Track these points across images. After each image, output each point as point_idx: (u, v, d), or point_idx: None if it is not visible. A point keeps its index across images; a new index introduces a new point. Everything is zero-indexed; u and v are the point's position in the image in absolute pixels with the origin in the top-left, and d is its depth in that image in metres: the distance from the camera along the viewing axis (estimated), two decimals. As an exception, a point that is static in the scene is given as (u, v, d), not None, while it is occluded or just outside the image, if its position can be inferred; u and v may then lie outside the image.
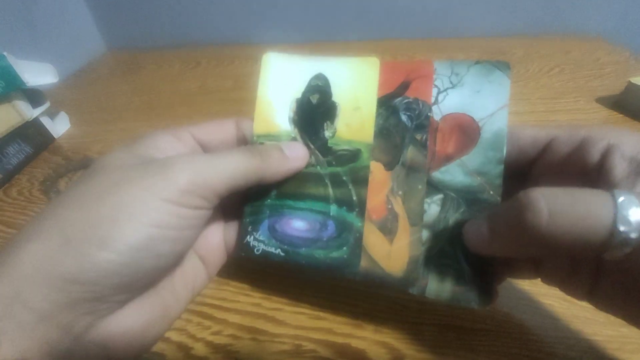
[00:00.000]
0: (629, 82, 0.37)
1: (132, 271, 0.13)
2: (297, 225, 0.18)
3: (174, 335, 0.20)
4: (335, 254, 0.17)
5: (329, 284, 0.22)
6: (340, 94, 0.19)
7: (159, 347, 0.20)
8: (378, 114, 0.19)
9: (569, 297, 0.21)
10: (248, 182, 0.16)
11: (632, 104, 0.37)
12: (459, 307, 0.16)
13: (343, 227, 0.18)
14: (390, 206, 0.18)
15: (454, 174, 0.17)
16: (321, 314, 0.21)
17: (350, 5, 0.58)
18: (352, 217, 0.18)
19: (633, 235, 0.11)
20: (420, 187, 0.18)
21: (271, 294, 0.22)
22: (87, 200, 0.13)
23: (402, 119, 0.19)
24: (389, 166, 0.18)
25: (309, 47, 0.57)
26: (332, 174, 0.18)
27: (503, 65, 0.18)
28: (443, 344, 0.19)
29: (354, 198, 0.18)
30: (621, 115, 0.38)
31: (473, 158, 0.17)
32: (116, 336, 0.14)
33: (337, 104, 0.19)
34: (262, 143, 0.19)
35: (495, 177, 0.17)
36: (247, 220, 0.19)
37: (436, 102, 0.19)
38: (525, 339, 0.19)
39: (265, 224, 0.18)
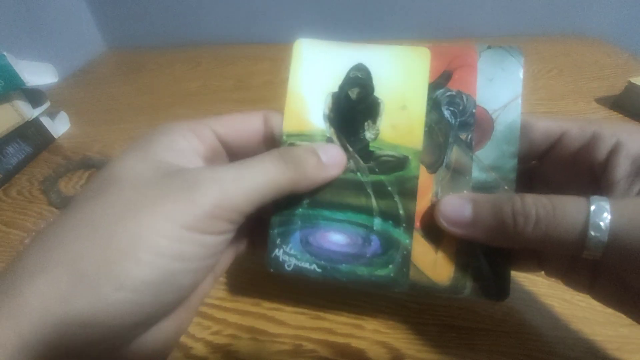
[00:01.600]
0: (629, 82, 0.37)
1: (152, 309, 0.12)
2: (336, 238, 0.16)
3: (173, 335, 0.20)
4: (380, 272, 0.16)
5: (330, 284, 0.22)
6: (384, 90, 0.17)
7: (159, 346, 0.20)
8: None
9: (569, 297, 0.21)
10: (280, 195, 0.14)
11: (632, 104, 0.37)
12: (477, 302, 0.16)
13: (389, 244, 0.16)
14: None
15: None
16: (321, 314, 0.21)
17: (351, 6, 0.58)
18: (398, 233, 0.16)
19: (603, 240, 0.12)
20: (466, 192, 0.16)
21: (271, 293, 0.22)
22: (99, 227, 0.12)
23: (445, 114, 0.17)
24: (432, 168, 0.17)
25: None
26: (375, 183, 0.16)
27: (515, 52, 0.17)
28: (443, 344, 0.19)
29: (401, 212, 0.16)
30: (621, 115, 0.38)
31: (487, 152, 0.16)
32: None
33: (380, 101, 0.17)
34: (292, 144, 0.17)
35: (510, 172, 0.16)
36: (276, 231, 0.16)
37: None
38: (525, 338, 0.19)
39: (297, 236, 0.16)
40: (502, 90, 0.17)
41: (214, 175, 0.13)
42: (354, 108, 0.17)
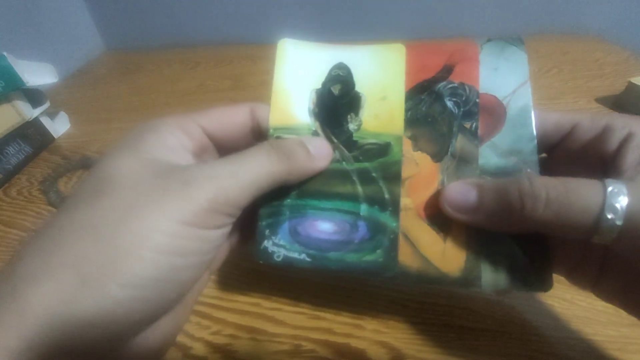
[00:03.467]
0: (629, 82, 0.37)
1: (155, 305, 0.12)
2: (324, 227, 0.16)
3: (172, 335, 0.20)
4: (369, 258, 0.16)
5: (329, 284, 0.22)
6: (364, 84, 0.18)
7: (158, 347, 0.20)
8: (421, 100, 0.18)
9: (569, 297, 0.21)
10: (272, 187, 0.15)
11: (632, 104, 0.37)
12: (518, 294, 0.16)
13: (376, 228, 0.16)
14: None
15: (487, 157, 0.17)
16: (321, 313, 0.21)
17: (350, 6, 0.58)
18: (385, 217, 0.16)
19: (619, 222, 0.12)
20: (471, 178, 0.16)
21: (270, 293, 0.22)
22: (100, 228, 0.12)
23: (448, 105, 0.17)
24: (437, 157, 0.17)
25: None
26: (360, 170, 0.17)
27: (516, 41, 0.18)
28: (443, 344, 0.19)
29: (386, 196, 0.16)
30: (621, 115, 0.38)
31: (504, 138, 0.16)
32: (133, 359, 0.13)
33: (361, 95, 0.18)
34: (279, 137, 0.17)
35: (530, 154, 0.16)
36: (264, 223, 0.16)
37: None
38: (525, 339, 0.19)
39: (286, 226, 0.16)
40: (509, 77, 0.17)
41: (208, 171, 0.13)
42: (337, 103, 0.18)
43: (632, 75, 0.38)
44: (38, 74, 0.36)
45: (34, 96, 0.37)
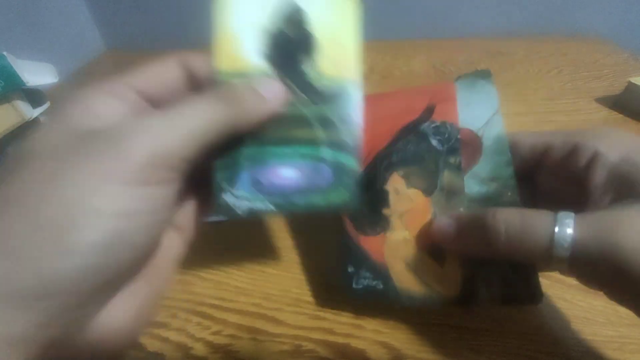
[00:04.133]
0: (629, 82, 0.37)
1: (107, 271, 0.11)
2: (286, 173, 0.16)
3: (173, 335, 0.20)
4: (334, 197, 0.16)
5: (329, 283, 0.22)
6: (317, 25, 0.17)
7: (158, 346, 0.20)
8: (409, 141, 0.20)
9: (569, 297, 0.21)
10: (221, 136, 0.14)
11: (632, 104, 0.37)
12: (513, 307, 0.18)
13: (338, 170, 0.16)
14: None
15: (469, 185, 0.18)
16: (321, 314, 0.21)
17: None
18: (345, 158, 0.16)
19: (566, 254, 0.13)
20: (461, 209, 0.18)
21: (271, 293, 0.22)
22: (24, 200, 0.11)
23: (433, 143, 0.19)
24: (428, 192, 0.19)
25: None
26: (317, 113, 0.17)
27: (485, 74, 0.19)
28: (443, 344, 0.19)
29: (345, 138, 0.17)
30: (621, 115, 0.38)
31: (483, 166, 0.18)
32: (108, 334, 0.12)
33: (315, 36, 0.17)
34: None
35: (509, 179, 0.18)
36: (220, 175, 0.16)
37: None
38: (525, 339, 0.19)
39: (245, 177, 0.16)
40: (481, 110, 0.19)
41: (141, 124, 0.12)
42: (289, 43, 0.17)
43: (631, 75, 0.38)
44: (38, 74, 0.36)
45: (34, 96, 0.37)
